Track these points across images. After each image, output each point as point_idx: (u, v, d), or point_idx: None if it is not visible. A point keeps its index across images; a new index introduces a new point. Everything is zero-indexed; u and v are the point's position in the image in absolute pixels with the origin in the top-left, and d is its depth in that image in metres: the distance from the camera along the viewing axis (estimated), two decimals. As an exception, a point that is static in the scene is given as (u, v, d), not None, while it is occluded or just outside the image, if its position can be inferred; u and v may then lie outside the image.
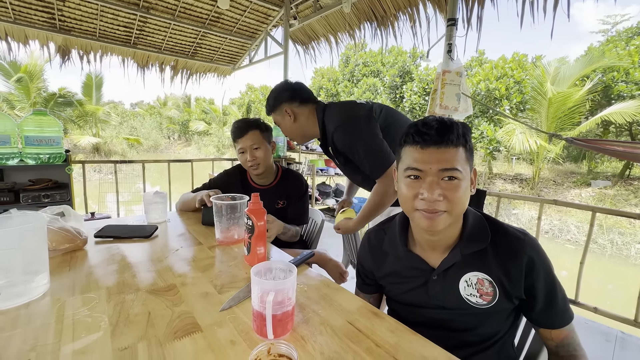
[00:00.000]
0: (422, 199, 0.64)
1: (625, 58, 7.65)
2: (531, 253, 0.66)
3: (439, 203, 0.63)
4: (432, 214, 0.64)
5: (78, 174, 6.64)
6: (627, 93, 7.55)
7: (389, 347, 0.56)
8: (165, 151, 22.72)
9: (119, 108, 23.37)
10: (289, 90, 1.30)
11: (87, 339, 0.55)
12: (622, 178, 8.32)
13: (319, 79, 15.13)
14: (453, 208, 0.64)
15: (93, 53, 4.16)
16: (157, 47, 4.37)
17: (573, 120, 7.92)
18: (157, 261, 0.91)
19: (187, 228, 1.24)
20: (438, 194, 0.63)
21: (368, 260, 0.84)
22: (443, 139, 0.63)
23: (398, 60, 12.70)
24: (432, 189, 0.63)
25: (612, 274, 5.08)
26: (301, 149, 5.17)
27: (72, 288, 0.73)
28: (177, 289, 0.75)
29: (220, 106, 21.55)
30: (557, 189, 8.74)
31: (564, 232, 6.66)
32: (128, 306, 0.66)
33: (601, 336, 1.70)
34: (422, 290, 0.73)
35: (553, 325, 0.67)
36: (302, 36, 4.34)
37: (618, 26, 10.51)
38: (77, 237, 0.94)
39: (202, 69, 5.12)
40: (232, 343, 0.56)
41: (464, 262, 0.69)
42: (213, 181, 1.54)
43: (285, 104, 1.29)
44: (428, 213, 0.64)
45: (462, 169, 0.64)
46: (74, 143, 14.89)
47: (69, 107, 14.60)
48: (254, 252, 0.88)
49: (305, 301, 0.72)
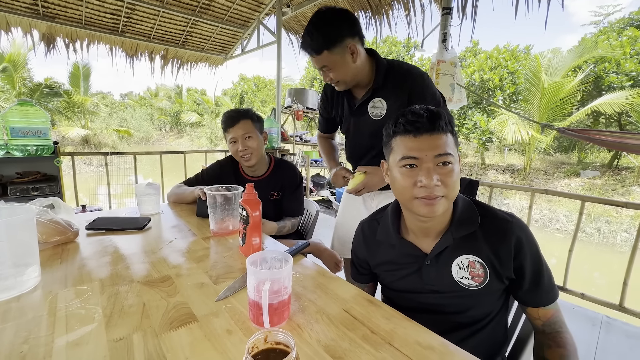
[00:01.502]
0: (421, 186, 0.65)
1: (617, 49, 7.72)
2: (519, 234, 0.68)
3: (437, 188, 0.65)
4: (431, 200, 0.65)
5: (67, 166, 6.53)
6: (618, 84, 7.64)
7: (384, 334, 0.57)
8: (157, 143, 22.38)
9: (108, 99, 22.85)
10: (350, 20, 1.03)
11: (81, 331, 0.55)
12: (610, 168, 8.50)
13: (312, 69, 14.94)
14: (449, 192, 0.66)
15: (79, 41, 4.02)
16: (146, 36, 4.25)
17: (564, 110, 8.01)
18: (151, 253, 0.90)
19: (181, 220, 1.23)
20: (436, 179, 0.64)
21: (362, 250, 0.85)
22: (434, 126, 0.65)
23: (392, 50, 12.59)
24: (430, 175, 0.64)
25: (598, 261, 5.23)
26: (295, 140, 5.14)
27: (64, 280, 0.72)
28: (172, 280, 0.74)
29: (212, 97, 21.21)
30: (547, 179, 8.89)
31: (553, 221, 6.81)
32: (122, 298, 0.66)
33: (588, 321, 1.75)
34: (416, 276, 0.74)
35: (540, 303, 0.69)
36: (295, 25, 4.26)
37: (610, 17, 10.55)
38: (68, 229, 0.92)
39: (193, 59, 5.01)
40: (229, 332, 0.56)
41: (455, 246, 0.71)
42: (205, 172, 1.52)
43: (348, 38, 1.02)
44: (428, 200, 0.66)
45: (454, 153, 0.67)
46: (62, 135, 14.56)
47: (56, 97, 14.22)
48: (249, 242, 0.87)
49: (301, 290, 0.72)
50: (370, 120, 1.16)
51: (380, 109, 1.14)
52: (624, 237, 5.81)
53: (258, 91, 19.37)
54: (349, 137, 1.30)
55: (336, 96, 1.28)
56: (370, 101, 1.15)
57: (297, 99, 5.16)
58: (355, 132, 1.25)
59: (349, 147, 1.33)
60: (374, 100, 1.14)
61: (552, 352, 0.67)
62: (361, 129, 1.21)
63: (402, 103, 1.10)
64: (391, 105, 1.12)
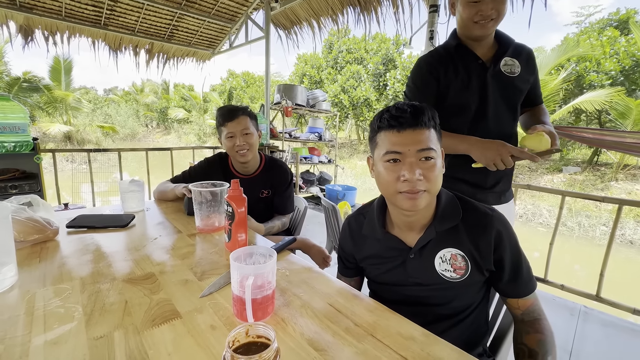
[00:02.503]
0: (404, 180, 0.67)
1: (598, 48, 7.95)
2: (499, 227, 0.71)
3: (419, 182, 0.66)
4: (414, 194, 0.67)
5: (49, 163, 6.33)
6: (598, 82, 7.88)
7: (367, 326, 0.58)
8: (144, 140, 21.89)
9: (92, 94, 22.15)
10: None
11: (60, 330, 0.54)
12: (590, 164, 8.78)
13: (302, 66, 14.87)
14: (432, 186, 0.68)
15: (59, 34, 3.89)
16: (130, 29, 4.14)
17: (548, 108, 8.21)
18: (134, 250, 0.89)
19: (166, 217, 1.21)
20: (419, 174, 0.66)
21: (348, 244, 0.86)
22: (418, 121, 0.67)
23: (381, 47, 12.63)
24: (412, 169, 0.66)
25: (578, 254, 5.42)
26: (284, 137, 5.11)
27: (43, 279, 0.71)
28: (156, 277, 0.74)
29: (200, 93, 20.85)
30: (531, 175, 9.13)
31: (536, 216, 7.01)
32: (103, 296, 0.65)
33: (567, 311, 1.82)
34: (400, 270, 0.76)
35: (519, 294, 0.72)
36: (284, 20, 4.23)
37: (591, 17, 10.86)
38: (47, 227, 0.90)
39: (180, 53, 4.91)
40: (212, 328, 0.56)
41: (438, 239, 0.73)
42: (193, 169, 1.50)
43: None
44: (410, 194, 0.67)
45: (436, 148, 0.68)
46: (43, 131, 14.07)
47: (36, 92, 13.70)
48: (235, 238, 0.87)
49: (287, 285, 0.72)
50: (506, 77, 1.05)
51: (514, 67, 1.06)
52: (603, 230, 6.04)
53: (247, 87, 19.13)
54: (475, 110, 1.08)
55: (450, 60, 1.09)
56: (502, 59, 1.06)
57: (286, 95, 5.12)
58: (492, 99, 1.06)
59: (479, 123, 1.08)
60: (506, 58, 1.06)
61: (530, 337, 0.69)
62: (500, 92, 1.06)
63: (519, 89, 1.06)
64: (520, 64, 1.06)
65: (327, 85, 13.16)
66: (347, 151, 13.94)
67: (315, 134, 5.82)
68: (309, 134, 5.86)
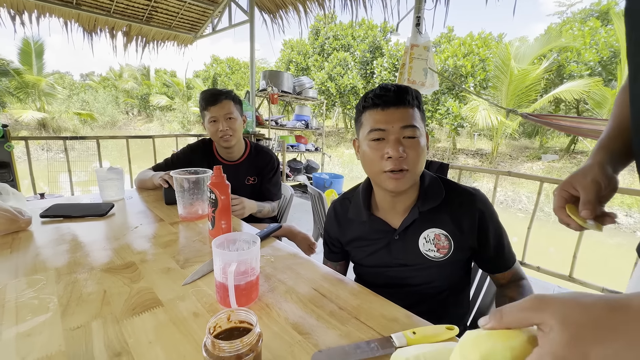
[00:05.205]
0: (388, 157, 0.67)
1: (579, 39, 8.13)
2: (482, 207, 0.73)
3: (403, 160, 0.67)
4: (397, 174, 0.68)
5: (22, 152, 6.02)
6: (577, 73, 8.09)
7: (351, 309, 0.59)
8: (124, 128, 21.10)
9: (67, 79, 21.02)
10: None
11: (34, 321, 0.52)
12: (567, 152, 9.11)
13: (288, 52, 14.53)
14: (414, 166, 0.69)
15: (27, 13, 3.63)
16: (105, 10, 3.91)
17: (530, 97, 8.40)
18: (114, 239, 0.86)
19: (148, 205, 1.18)
20: (402, 150, 0.67)
21: (334, 228, 0.87)
22: (401, 99, 0.68)
23: (369, 34, 12.47)
24: (396, 146, 0.67)
25: (554, 238, 5.68)
26: (270, 125, 5.03)
27: (15, 271, 0.68)
28: (136, 266, 0.72)
29: (183, 79, 20.13)
30: (512, 163, 9.40)
31: (516, 202, 7.27)
32: (80, 286, 0.63)
33: (541, 291, 1.91)
34: (385, 251, 0.78)
35: (500, 269, 0.76)
36: (268, 4, 4.09)
37: (573, 7, 11.05)
38: (18, 217, 0.85)
39: (160, 37, 4.69)
40: (195, 315, 0.56)
41: (422, 219, 0.75)
42: (176, 156, 1.46)
43: None
44: (394, 174, 0.68)
45: (420, 126, 0.70)
46: (15, 118, 13.32)
47: (4, 77, 12.89)
48: (219, 226, 0.86)
49: (272, 271, 0.72)
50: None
51: None
52: (578, 215, 6.34)
53: (232, 74, 18.58)
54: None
55: None
56: None
57: (272, 82, 5.02)
58: None
59: None
60: None
61: (511, 290, 0.73)
62: None
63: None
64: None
65: (313, 72, 12.95)
66: (334, 139, 13.90)
67: (302, 121, 5.76)
68: (295, 121, 5.79)
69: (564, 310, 0.25)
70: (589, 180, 0.51)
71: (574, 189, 0.53)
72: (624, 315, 0.24)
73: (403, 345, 0.48)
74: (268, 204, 1.39)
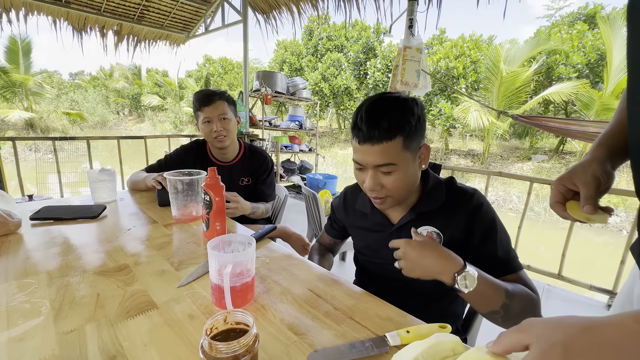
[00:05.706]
0: (365, 187, 0.71)
1: (567, 42, 8.30)
2: (476, 204, 0.74)
3: (381, 190, 0.69)
4: (378, 199, 0.71)
5: (9, 153, 5.89)
6: (566, 75, 8.26)
7: (346, 309, 0.60)
8: (115, 128, 20.77)
9: (55, 79, 20.57)
10: None
11: (26, 325, 0.51)
12: (557, 153, 9.30)
13: (281, 52, 14.50)
14: (394, 193, 0.70)
15: (14, 11, 3.55)
16: (95, 8, 3.85)
17: (520, 99, 8.55)
18: (107, 242, 0.85)
19: (140, 207, 1.17)
20: (377, 184, 0.68)
21: (341, 212, 0.92)
22: (374, 136, 0.64)
23: (362, 35, 12.52)
24: (371, 180, 0.68)
25: (543, 237, 5.79)
26: (264, 125, 5.02)
27: (5, 275, 0.66)
28: (130, 268, 0.71)
29: (175, 79, 19.91)
30: (503, 163, 9.54)
31: (507, 202, 7.38)
32: (73, 289, 0.62)
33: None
34: (382, 244, 0.80)
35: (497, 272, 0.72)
36: (262, 4, 4.08)
37: (561, 11, 11.28)
38: (7, 219, 0.84)
39: (152, 36, 4.64)
40: (191, 317, 0.56)
41: (419, 218, 0.77)
42: (169, 157, 1.45)
43: None
44: (375, 199, 0.72)
45: (399, 158, 0.66)
46: (1, 118, 13.01)
47: (-10, 75, 12.58)
48: (213, 227, 0.85)
49: (267, 273, 0.72)
50: None
51: None
52: (566, 215, 6.47)
53: (225, 74, 18.45)
54: None
55: None
56: None
57: (265, 83, 5.00)
58: None
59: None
60: None
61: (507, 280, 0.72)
62: None
63: None
64: None
65: (307, 73, 12.95)
66: (328, 140, 13.92)
67: (296, 122, 5.75)
68: (289, 122, 5.78)
69: (542, 329, 0.28)
70: (590, 175, 0.51)
71: (572, 184, 0.53)
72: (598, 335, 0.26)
73: (397, 344, 0.49)
74: (262, 205, 1.39)
